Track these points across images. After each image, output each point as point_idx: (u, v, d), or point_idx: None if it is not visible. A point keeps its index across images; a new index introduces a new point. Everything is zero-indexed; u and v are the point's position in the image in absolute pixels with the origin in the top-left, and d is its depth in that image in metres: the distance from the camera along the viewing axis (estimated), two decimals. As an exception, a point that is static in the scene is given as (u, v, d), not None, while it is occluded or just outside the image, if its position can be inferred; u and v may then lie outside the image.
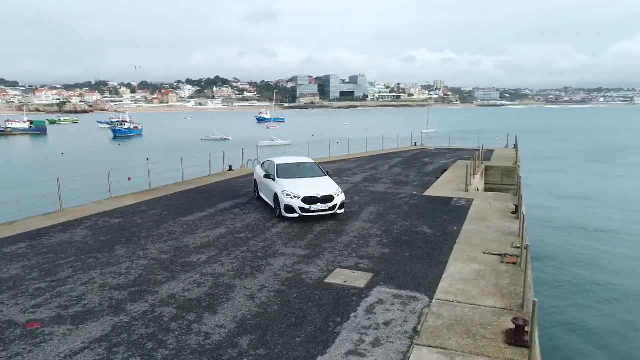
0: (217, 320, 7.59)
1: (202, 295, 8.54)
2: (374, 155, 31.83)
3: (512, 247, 11.36)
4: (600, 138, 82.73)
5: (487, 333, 7.14)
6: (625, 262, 19.13)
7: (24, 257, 10.77)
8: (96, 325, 7.40)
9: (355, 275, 9.55)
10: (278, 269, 9.91)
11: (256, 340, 6.94)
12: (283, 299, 8.41)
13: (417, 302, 8.28)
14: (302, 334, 7.13)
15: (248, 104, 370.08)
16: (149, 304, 8.20)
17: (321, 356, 6.50)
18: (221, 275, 9.55)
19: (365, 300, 8.33)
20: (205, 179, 22.02)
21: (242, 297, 8.48)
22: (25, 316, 7.74)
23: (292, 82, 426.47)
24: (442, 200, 16.82)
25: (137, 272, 9.77)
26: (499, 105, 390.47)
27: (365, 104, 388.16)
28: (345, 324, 7.43)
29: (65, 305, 8.16)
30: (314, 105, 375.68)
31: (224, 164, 24.86)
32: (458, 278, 9.35)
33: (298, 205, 13.47)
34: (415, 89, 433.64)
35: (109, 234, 12.72)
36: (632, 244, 21.70)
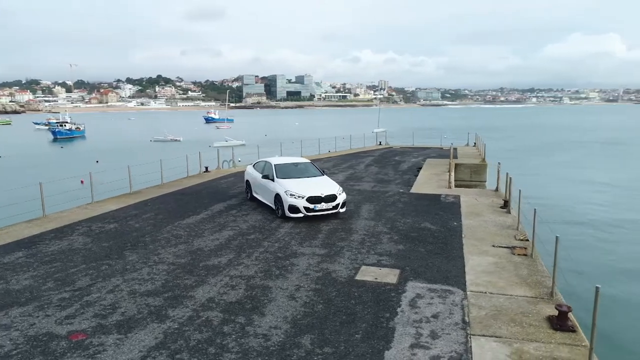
0: (268, 321, 7.56)
1: (241, 298, 8.46)
2: (345, 155, 32.22)
3: (516, 239, 11.99)
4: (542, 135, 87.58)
5: (531, 320, 7.57)
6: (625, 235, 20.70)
7: (28, 267, 10.18)
8: (146, 333, 7.17)
9: (382, 272, 9.77)
10: (305, 268, 9.95)
11: (317, 339, 7.00)
12: (324, 297, 8.49)
13: (453, 295, 8.61)
14: (358, 330, 7.26)
15: (193, 104, 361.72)
16: (191, 308, 8.03)
17: (387, 351, 6.66)
18: (251, 277, 9.47)
19: (404, 295, 8.56)
20: (184, 181, 21.50)
21: (283, 297, 8.48)
22: (63, 327, 7.37)
23: (237, 81, 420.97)
24: (431, 197, 17.39)
25: (162, 277, 9.50)
26: (440, 105, 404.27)
27: (312, 104, 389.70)
28: (396, 319, 7.63)
29: (102, 314, 7.84)
30: (261, 105, 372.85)
31: (200, 166, 24.34)
32: (480, 270, 9.79)
33: (303, 205, 13.52)
34: (360, 89, 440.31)
35: (109, 239, 12.22)
36: (619, 223, 23.46)
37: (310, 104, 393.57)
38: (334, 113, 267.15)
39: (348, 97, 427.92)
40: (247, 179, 16.85)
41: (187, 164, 22.93)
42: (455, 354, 6.57)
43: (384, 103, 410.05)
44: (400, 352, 6.61)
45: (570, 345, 6.78)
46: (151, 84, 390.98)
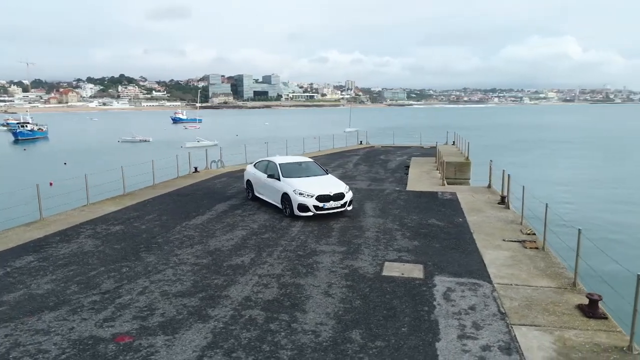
0: (312, 318, 7.64)
1: (278, 296, 8.49)
2: (331, 154, 32.40)
3: (522, 233, 12.44)
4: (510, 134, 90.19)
5: (562, 309, 7.93)
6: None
7: (44, 271, 9.88)
8: (193, 333, 7.13)
9: (406, 267, 9.98)
10: (329, 265, 10.06)
11: (366, 333, 7.13)
12: (358, 293, 8.62)
13: (482, 287, 8.90)
14: (403, 324, 7.43)
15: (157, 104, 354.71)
16: (230, 308, 8.01)
17: (437, 343, 6.86)
18: (279, 275, 9.51)
19: (435, 289, 8.79)
20: (176, 182, 21.18)
21: (318, 294, 8.57)
22: (105, 330, 7.24)
23: (203, 81, 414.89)
24: (428, 194, 17.77)
25: (189, 278, 9.42)
26: (406, 105, 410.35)
27: (279, 104, 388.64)
28: (435, 312, 7.84)
29: (141, 316, 7.73)
30: (228, 105, 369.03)
31: (189, 166, 24.01)
32: (499, 264, 10.14)
33: (312, 204, 13.61)
34: (327, 89, 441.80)
35: (120, 241, 11.98)
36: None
37: (278, 104, 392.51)
38: (302, 113, 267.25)
39: (315, 97, 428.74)
40: (247, 178, 16.77)
41: (178, 164, 22.58)
42: (502, 343, 6.83)
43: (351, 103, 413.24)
44: (450, 344, 6.82)
45: (606, 332, 7.15)
46: (113, 84, 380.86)
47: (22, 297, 8.52)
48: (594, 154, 55.94)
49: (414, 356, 6.49)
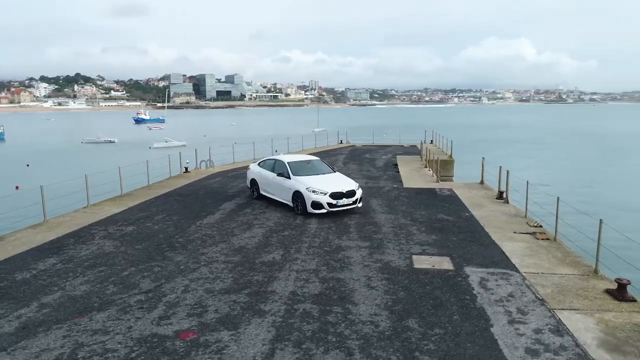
0: (365, 309, 7.89)
1: (323, 290, 8.69)
2: (315, 153, 32.55)
3: (529, 226, 13.07)
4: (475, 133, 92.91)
5: (593, 294, 8.48)
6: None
7: (73, 272, 9.71)
8: (256, 328, 7.24)
9: (434, 260, 10.37)
10: (360, 260, 10.32)
11: (422, 322, 7.44)
12: (399, 285, 8.93)
13: (512, 276, 9.37)
14: (453, 312, 7.79)
15: (117, 104, 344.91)
16: (281, 302, 8.16)
17: (492, 328, 7.25)
18: (316, 270, 9.69)
19: (470, 280, 9.20)
20: (170, 182, 20.92)
21: (362, 287, 8.82)
22: (165, 328, 7.25)
23: (164, 80, 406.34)
24: (426, 191, 18.31)
25: (227, 275, 9.47)
26: (369, 105, 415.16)
27: (243, 104, 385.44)
28: (478, 300, 8.24)
29: (196, 313, 7.77)
30: (190, 105, 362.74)
31: (180, 166, 23.72)
32: (519, 254, 10.67)
33: (326, 201, 13.83)
34: (291, 89, 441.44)
35: (138, 242, 11.84)
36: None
37: (241, 103, 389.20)
38: (266, 113, 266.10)
39: (279, 97, 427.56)
40: (252, 177, 16.80)
41: (170, 165, 22.29)
42: (551, 326, 7.28)
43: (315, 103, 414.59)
44: (504, 328, 7.22)
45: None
46: (69, 83, 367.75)
47: (62, 299, 8.38)
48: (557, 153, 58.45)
49: (475, 341, 6.84)
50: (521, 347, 6.65)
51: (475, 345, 6.73)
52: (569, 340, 6.88)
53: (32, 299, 8.39)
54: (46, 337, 7.00)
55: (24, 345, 6.79)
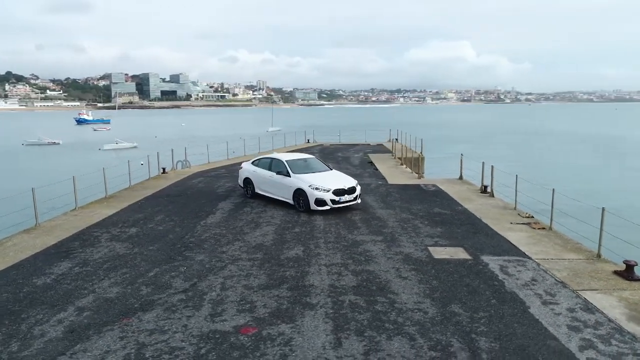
0: (407, 298, 8.25)
1: (360, 282, 8.97)
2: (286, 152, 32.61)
3: (521, 217, 13.93)
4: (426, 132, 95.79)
5: (604, 276, 9.28)
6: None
7: (95, 275, 9.45)
8: (312, 320, 7.43)
9: (449, 250, 10.91)
10: (381, 253, 10.67)
11: (465, 307, 7.90)
12: (429, 275, 9.36)
13: (527, 263, 10.04)
14: (489, 297, 8.30)
15: (53, 104, 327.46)
16: (324, 295, 8.37)
17: (530, 309, 7.81)
18: (344, 264, 9.95)
19: (491, 267, 9.78)
20: (151, 183, 20.43)
21: (395, 278, 9.18)
22: (221, 325, 7.29)
23: (104, 79, 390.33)
24: (413, 187, 18.96)
25: (258, 272, 9.55)
26: (318, 105, 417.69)
27: (189, 104, 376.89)
28: (507, 285, 8.80)
29: (246, 309, 7.84)
30: (133, 105, 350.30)
31: (158, 167, 23.16)
32: (524, 243, 11.40)
33: (329, 198, 14.09)
34: (239, 89, 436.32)
35: (149, 243, 11.63)
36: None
37: (188, 103, 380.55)
38: (214, 113, 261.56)
39: (227, 96, 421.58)
40: (246, 176, 16.77)
41: (149, 166, 21.76)
42: (581, 305, 7.94)
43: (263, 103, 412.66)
44: (541, 309, 7.80)
45: (651, 290, 8.56)
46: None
47: (98, 302, 8.19)
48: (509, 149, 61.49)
49: (520, 322, 7.37)
50: (563, 325, 7.24)
51: (521, 325, 7.25)
52: (601, 316, 7.55)
53: (66, 303, 8.14)
54: (101, 340, 6.87)
55: (83, 348, 6.65)
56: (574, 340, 6.79)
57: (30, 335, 7.04)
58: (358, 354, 6.42)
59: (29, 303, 8.19)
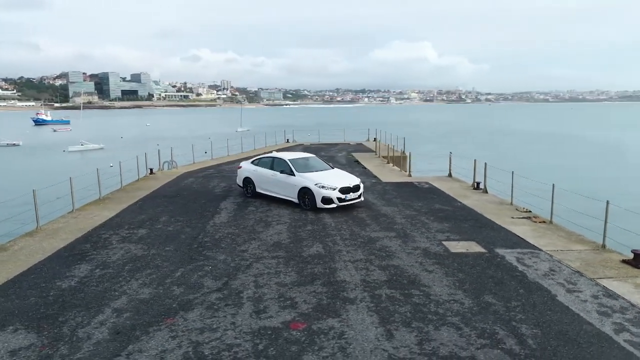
0: (440, 290, 8.54)
1: (390, 276, 9.20)
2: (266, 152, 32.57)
3: (520, 211, 14.51)
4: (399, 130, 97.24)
5: (614, 265, 9.85)
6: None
7: (121, 277, 9.32)
8: (356, 314, 7.60)
9: (464, 244, 11.29)
10: (400, 249, 10.94)
11: (496, 296, 8.25)
12: (453, 268, 9.69)
13: (540, 254, 10.53)
14: (516, 287, 8.69)
15: (6, 104, 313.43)
16: (360, 290, 8.55)
17: (557, 297, 8.24)
18: (368, 260, 10.17)
19: (508, 259, 10.20)
20: (141, 184, 20.06)
21: (422, 272, 9.46)
22: (269, 321, 7.37)
23: (61, 79, 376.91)
24: (406, 184, 19.38)
25: (286, 269, 9.64)
26: (283, 105, 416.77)
27: (152, 104, 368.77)
28: (529, 276, 9.22)
29: (288, 305, 7.93)
30: (93, 105, 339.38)
31: (146, 168, 22.73)
32: (531, 236, 11.93)
33: (336, 196, 14.28)
34: (203, 89, 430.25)
35: (164, 244, 11.51)
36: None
37: (150, 103, 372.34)
38: (178, 113, 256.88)
39: (190, 96, 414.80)
40: (246, 176, 16.74)
41: (138, 165, 21.35)
42: (603, 292, 8.44)
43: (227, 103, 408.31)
44: (567, 297, 8.25)
45: (660, 276, 9.17)
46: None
47: (134, 303, 8.10)
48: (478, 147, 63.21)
49: (552, 309, 7.77)
50: (593, 311, 7.69)
51: (554, 312, 7.66)
52: (624, 302, 8.05)
53: (101, 305, 8.01)
54: (153, 340, 6.83)
55: (137, 348, 6.60)
56: (607, 324, 7.23)
57: (76, 338, 6.93)
58: (412, 344, 6.65)
59: (61, 306, 8.01)
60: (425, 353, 6.42)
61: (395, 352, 6.45)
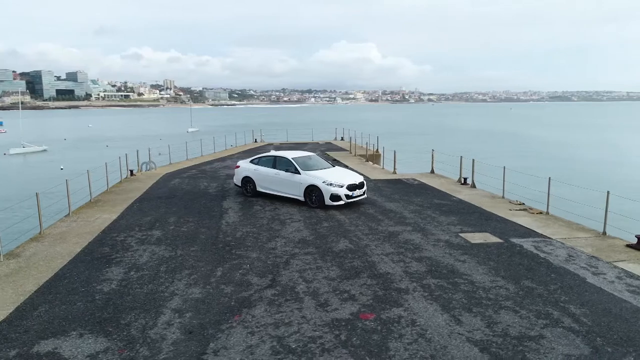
0: (481, 278, 9.04)
1: (428, 267, 9.61)
2: (242, 152, 32.32)
3: (515, 204, 15.40)
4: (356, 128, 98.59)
5: (621, 249, 10.77)
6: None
7: (163, 279, 9.17)
8: (416, 302, 7.94)
9: (479, 235, 11.92)
10: (423, 242, 11.39)
11: (535, 282, 8.85)
12: (480, 257, 10.24)
13: (551, 242, 11.32)
14: (548, 272, 9.34)
15: None
16: (408, 281, 8.90)
17: (586, 278, 8.96)
18: (399, 252, 10.54)
19: (526, 247, 10.90)
20: (126, 187, 19.45)
21: (455, 262, 9.94)
22: (336, 313, 7.56)
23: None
24: (397, 181, 19.97)
25: (327, 264, 9.83)
26: (230, 105, 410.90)
27: (89, 104, 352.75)
28: (553, 262, 9.92)
29: (347, 298, 8.15)
30: (25, 105, 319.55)
31: (127, 170, 21.98)
32: (536, 226, 12.75)
33: (344, 193, 14.57)
34: (144, 88, 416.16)
35: (187, 244, 11.35)
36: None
37: (87, 103, 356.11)
38: (119, 113, 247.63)
39: (131, 96, 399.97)
40: (245, 175, 16.67)
41: (120, 167, 20.64)
42: (624, 273, 9.25)
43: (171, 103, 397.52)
44: (595, 278, 8.99)
45: (665, 258, 10.16)
46: None
47: (190, 303, 8.04)
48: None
49: (587, 290, 8.46)
50: (624, 290, 8.44)
51: (591, 293, 8.35)
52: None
53: (158, 307, 7.89)
54: (233, 337, 6.85)
55: (221, 345, 6.61)
56: (641, 301, 8.00)
57: (150, 339, 6.82)
58: (482, 327, 7.07)
59: (116, 309, 7.82)
60: (498, 334, 6.86)
61: (471, 335, 6.84)
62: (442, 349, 6.49)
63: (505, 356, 6.29)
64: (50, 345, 6.70)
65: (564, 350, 6.42)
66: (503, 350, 6.44)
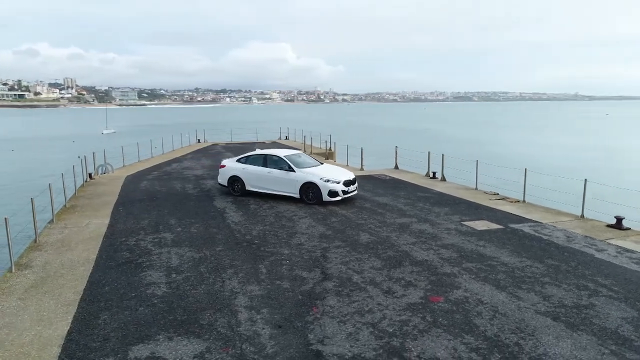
0: (508, 260, 9.93)
1: (459, 253, 10.34)
2: (190, 153, 31.38)
3: (490, 194, 16.76)
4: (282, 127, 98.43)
5: (604, 229, 12.28)
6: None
7: (207, 280, 9.04)
8: (471, 284, 8.62)
9: (479, 223, 12.94)
10: (436, 231, 12.16)
11: (555, 259, 9.92)
12: (495, 241, 11.19)
13: (546, 225, 12.59)
14: (559, 252, 10.47)
15: None
16: (448, 266, 9.56)
17: (595, 255, 10.20)
18: (422, 242, 11.18)
19: (527, 232, 12.05)
20: (92, 190, 18.30)
21: (477, 247, 10.79)
22: (406, 299, 8.01)
23: None
24: (371, 177, 20.67)
25: (362, 256, 10.20)
26: (140, 105, 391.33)
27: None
28: (557, 243, 11.13)
29: (406, 284, 8.62)
30: None
31: (86, 173, 20.57)
32: (522, 213, 14.02)
33: (341, 189, 14.98)
34: (42, 87, 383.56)
35: (208, 246, 11.14)
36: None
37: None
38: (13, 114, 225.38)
39: (27, 96, 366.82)
40: (232, 174, 16.44)
41: (82, 171, 19.32)
42: (620, 249, 10.64)
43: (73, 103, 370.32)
44: (601, 254, 10.25)
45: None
46: None
47: (257, 300, 8.07)
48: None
49: (603, 264, 9.66)
50: (630, 262, 9.75)
51: (606, 266, 9.55)
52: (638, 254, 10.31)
53: (229, 305, 7.84)
54: (328, 327, 7.03)
55: (322, 335, 6.78)
56: (648, 270, 9.32)
57: (245, 336, 6.82)
58: (540, 301, 7.90)
59: (185, 311, 7.64)
60: (557, 305, 7.72)
61: (537, 307, 7.64)
62: (521, 321, 7.19)
63: (576, 322, 7.13)
64: (145, 350, 6.47)
65: (619, 315, 7.39)
66: (571, 318, 7.28)
